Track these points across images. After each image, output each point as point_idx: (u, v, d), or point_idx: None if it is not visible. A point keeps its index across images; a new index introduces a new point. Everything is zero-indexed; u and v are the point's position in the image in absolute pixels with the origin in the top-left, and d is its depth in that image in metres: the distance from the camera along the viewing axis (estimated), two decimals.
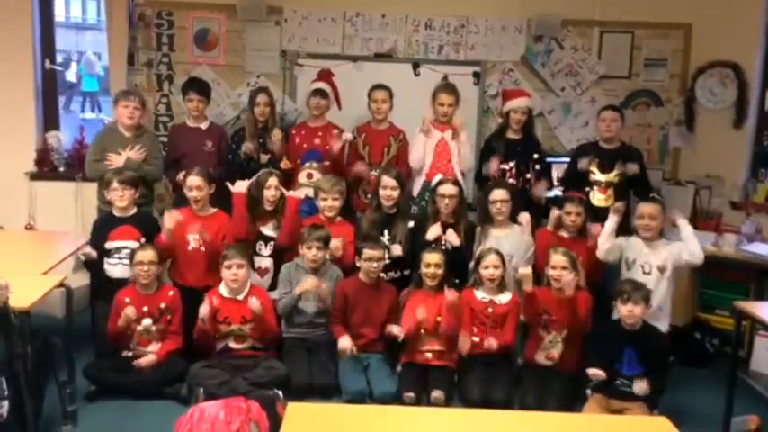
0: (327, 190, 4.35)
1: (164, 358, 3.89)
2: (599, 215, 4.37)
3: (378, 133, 4.75)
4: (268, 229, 4.37)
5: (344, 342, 4.01)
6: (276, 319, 4.08)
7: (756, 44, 5.23)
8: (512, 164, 4.65)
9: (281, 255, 4.36)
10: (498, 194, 4.27)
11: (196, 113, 4.76)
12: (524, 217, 4.30)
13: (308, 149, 4.73)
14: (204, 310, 3.86)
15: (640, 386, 3.45)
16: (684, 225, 3.96)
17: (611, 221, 4.01)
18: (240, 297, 3.95)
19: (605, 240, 3.98)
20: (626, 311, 3.54)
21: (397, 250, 4.30)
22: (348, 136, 4.73)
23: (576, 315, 3.85)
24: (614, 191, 4.48)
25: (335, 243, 4.23)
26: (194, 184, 4.23)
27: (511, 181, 4.60)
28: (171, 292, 4.02)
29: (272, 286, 4.30)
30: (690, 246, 3.90)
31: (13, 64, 5.19)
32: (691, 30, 5.33)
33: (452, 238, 4.25)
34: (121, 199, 4.16)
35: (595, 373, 3.50)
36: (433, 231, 4.25)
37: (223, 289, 3.97)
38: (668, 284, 3.94)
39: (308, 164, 4.68)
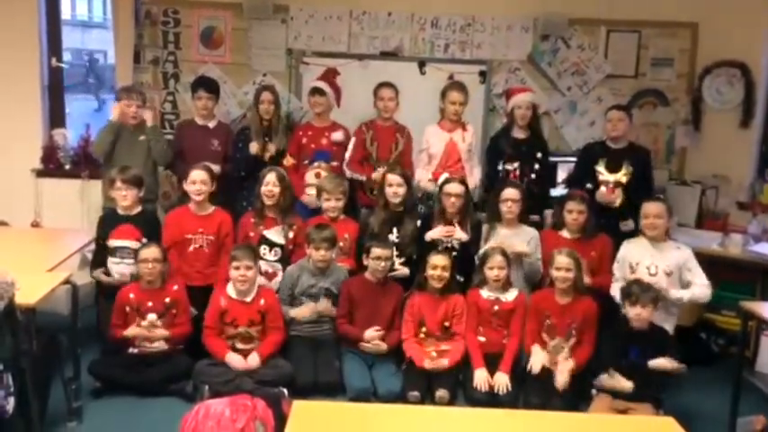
0: (330, 190, 4.35)
1: (175, 338, 3.90)
2: (606, 215, 4.36)
3: (384, 130, 4.75)
4: (272, 234, 4.34)
5: (371, 332, 4.00)
6: (283, 321, 4.07)
7: (763, 43, 5.21)
8: (516, 164, 4.64)
9: (290, 259, 4.34)
10: (510, 193, 4.25)
11: (205, 112, 4.77)
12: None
13: (316, 150, 4.74)
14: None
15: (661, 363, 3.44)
16: (677, 294, 3.85)
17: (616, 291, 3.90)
18: (248, 299, 3.94)
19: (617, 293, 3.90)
20: (634, 314, 3.51)
21: (461, 236, 4.26)
22: (339, 136, 4.75)
23: (580, 321, 3.85)
24: (622, 191, 4.45)
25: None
26: (199, 177, 4.21)
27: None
28: (176, 287, 4.01)
29: None
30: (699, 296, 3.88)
31: (19, 62, 5.20)
32: (698, 29, 5.32)
33: (459, 234, 4.24)
34: (125, 198, 4.15)
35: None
36: (433, 233, 4.25)
37: (231, 290, 3.95)
38: (676, 287, 3.91)
39: (316, 163, 4.69)
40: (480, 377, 3.84)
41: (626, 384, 3.45)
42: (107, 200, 4.46)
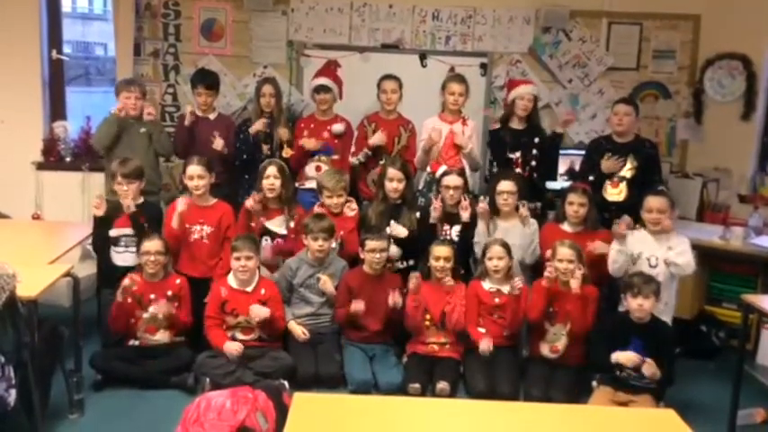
0: (331, 188, 4.34)
1: (175, 332, 3.93)
2: (611, 209, 4.36)
3: (388, 123, 4.75)
4: (273, 225, 4.35)
5: (357, 304, 3.98)
6: (283, 307, 4.08)
7: (766, 36, 5.17)
8: (518, 153, 4.64)
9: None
10: (505, 186, 4.25)
11: (205, 107, 4.76)
12: (522, 211, 4.23)
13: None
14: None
15: (649, 369, 3.42)
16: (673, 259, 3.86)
17: (615, 247, 3.92)
18: (249, 289, 3.94)
19: (613, 262, 3.92)
20: (636, 305, 3.51)
21: (400, 231, 4.26)
22: (339, 128, 4.73)
23: (581, 309, 3.84)
24: (627, 185, 4.45)
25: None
26: (195, 173, 4.20)
27: (517, 170, 4.58)
28: (178, 281, 4.01)
29: None
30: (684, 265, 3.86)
31: (20, 54, 5.21)
32: (699, 21, 5.32)
33: (463, 214, 4.24)
34: (126, 193, 4.13)
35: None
36: (435, 214, 4.25)
37: (232, 280, 3.96)
38: (675, 279, 3.91)
39: (316, 156, 4.68)
40: (485, 345, 3.86)
41: (633, 357, 3.45)
42: (110, 192, 4.45)
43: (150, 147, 4.64)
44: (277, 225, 4.35)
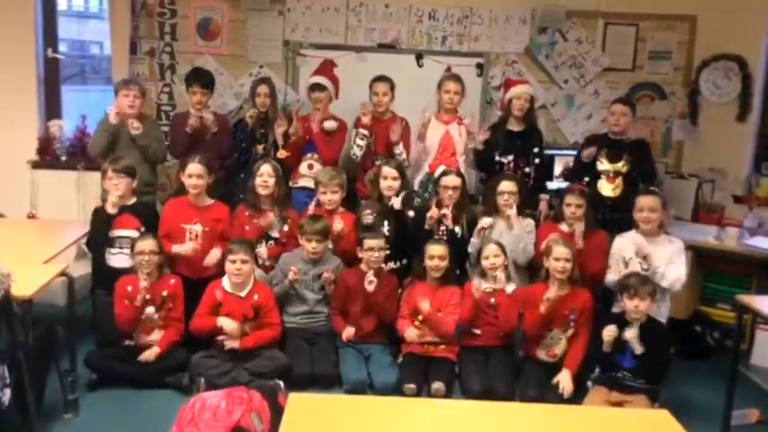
0: (326, 183, 4.35)
1: (164, 349, 3.86)
2: (607, 205, 4.37)
3: (381, 123, 4.74)
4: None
5: (349, 332, 4.04)
6: (278, 314, 4.06)
7: (761, 37, 5.20)
8: (510, 157, 4.64)
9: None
10: (507, 186, 4.24)
11: (200, 106, 4.75)
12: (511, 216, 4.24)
13: (310, 141, 4.74)
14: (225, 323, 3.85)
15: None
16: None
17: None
18: (243, 293, 3.92)
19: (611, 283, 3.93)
20: (632, 307, 3.51)
21: (396, 203, 4.26)
22: (333, 125, 4.73)
23: (578, 313, 3.85)
24: (622, 180, 4.46)
25: (339, 226, 4.23)
26: (195, 171, 4.19)
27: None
28: (173, 281, 4.00)
29: None
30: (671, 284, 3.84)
31: (15, 52, 5.19)
32: (696, 22, 5.32)
33: (448, 224, 4.25)
34: (116, 187, 4.10)
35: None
36: (430, 221, 4.25)
37: (227, 283, 3.95)
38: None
39: (309, 155, 4.68)
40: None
41: (612, 328, 3.49)
42: (105, 192, 4.44)
43: None
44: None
